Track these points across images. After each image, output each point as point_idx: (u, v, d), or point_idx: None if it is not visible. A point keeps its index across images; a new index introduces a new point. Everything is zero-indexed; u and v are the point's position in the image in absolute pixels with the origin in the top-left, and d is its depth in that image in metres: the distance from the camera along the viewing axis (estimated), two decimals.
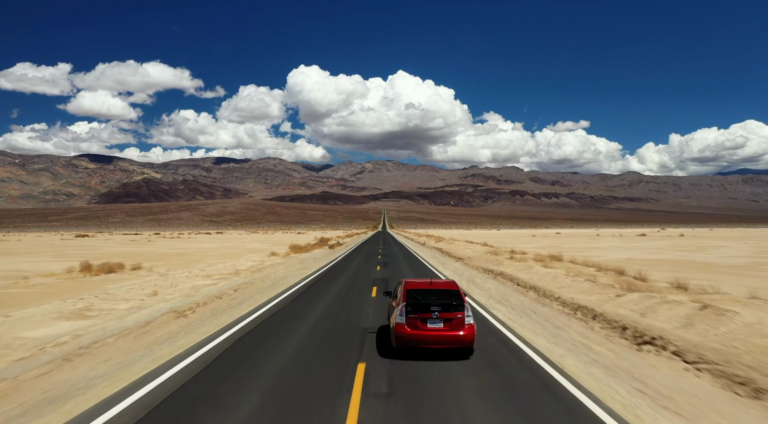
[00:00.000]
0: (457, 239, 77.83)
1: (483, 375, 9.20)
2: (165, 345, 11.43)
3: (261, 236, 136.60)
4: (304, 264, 35.53)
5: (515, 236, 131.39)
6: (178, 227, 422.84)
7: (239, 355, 10.55)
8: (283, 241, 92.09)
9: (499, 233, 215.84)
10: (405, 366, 9.53)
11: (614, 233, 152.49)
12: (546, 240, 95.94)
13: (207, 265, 34.64)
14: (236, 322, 14.23)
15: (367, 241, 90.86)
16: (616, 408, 7.63)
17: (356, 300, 18.39)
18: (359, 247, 64.94)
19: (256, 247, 68.34)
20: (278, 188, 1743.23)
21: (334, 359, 10.09)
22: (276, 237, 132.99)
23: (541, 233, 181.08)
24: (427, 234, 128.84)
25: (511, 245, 71.75)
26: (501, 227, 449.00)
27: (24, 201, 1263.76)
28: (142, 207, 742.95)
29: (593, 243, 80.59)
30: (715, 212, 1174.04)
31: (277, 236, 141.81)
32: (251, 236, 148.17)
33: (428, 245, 65.22)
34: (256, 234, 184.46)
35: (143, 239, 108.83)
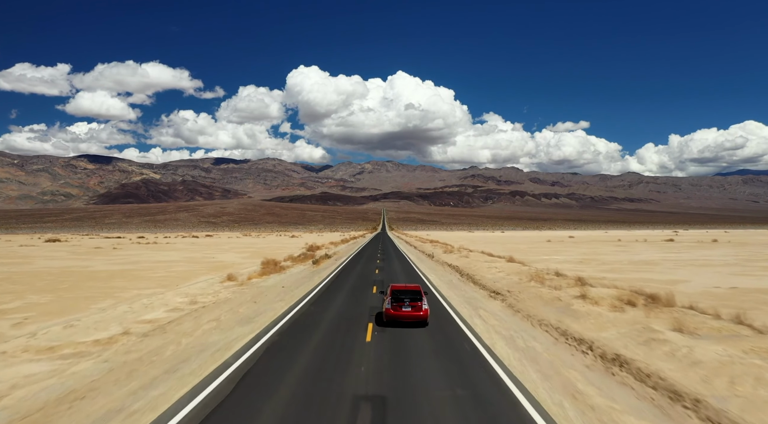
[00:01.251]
0: (470, 249, 65.52)
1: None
2: None
3: (247, 242, 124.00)
4: (256, 303, 23.23)
5: (529, 241, 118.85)
6: (174, 229, 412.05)
7: None
8: (266, 249, 79.82)
9: (505, 235, 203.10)
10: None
11: (637, 237, 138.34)
12: (570, 247, 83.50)
13: (103, 307, 22.43)
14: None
15: (364, 249, 78.24)
16: None
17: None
18: (352, 260, 52.65)
19: (226, 260, 56.04)
20: (277, 189, 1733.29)
21: None
22: (264, 242, 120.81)
23: (552, 236, 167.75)
24: (431, 239, 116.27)
25: (536, 255, 59.80)
26: (503, 228, 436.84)
27: (22, 202, 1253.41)
28: (140, 208, 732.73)
29: (637, 253, 68.30)
30: (716, 212, 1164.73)
31: (266, 241, 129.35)
32: (238, 240, 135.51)
33: (438, 259, 52.85)
34: (248, 237, 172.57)
35: (111, 245, 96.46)
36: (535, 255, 62.15)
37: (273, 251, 76.03)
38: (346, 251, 70.94)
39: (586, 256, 60.14)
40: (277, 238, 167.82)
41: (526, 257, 55.48)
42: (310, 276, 36.00)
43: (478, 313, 20.68)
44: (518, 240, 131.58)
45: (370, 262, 49.64)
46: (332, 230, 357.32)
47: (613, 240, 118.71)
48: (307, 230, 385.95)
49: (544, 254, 63.82)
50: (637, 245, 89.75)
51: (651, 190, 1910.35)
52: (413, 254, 65.80)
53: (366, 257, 55.86)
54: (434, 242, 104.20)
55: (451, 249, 67.06)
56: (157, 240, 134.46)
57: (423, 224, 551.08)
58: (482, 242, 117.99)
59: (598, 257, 58.30)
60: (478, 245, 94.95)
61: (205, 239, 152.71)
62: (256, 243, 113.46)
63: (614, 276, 35.24)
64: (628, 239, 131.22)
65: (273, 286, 29.54)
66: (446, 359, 13.54)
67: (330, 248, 78.26)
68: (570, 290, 23.15)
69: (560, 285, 25.01)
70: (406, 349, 14.47)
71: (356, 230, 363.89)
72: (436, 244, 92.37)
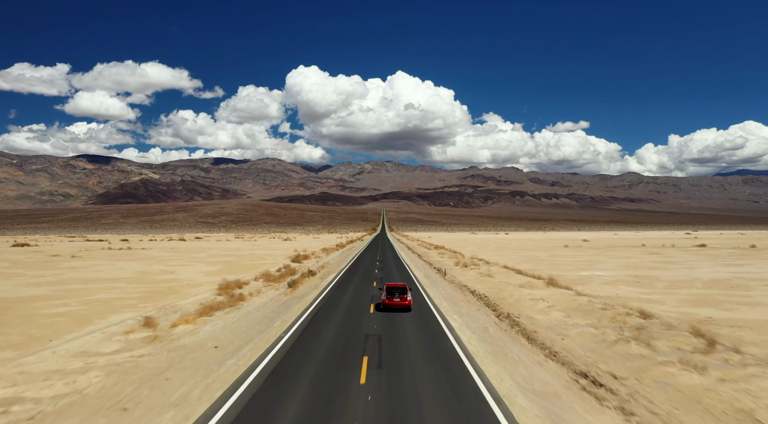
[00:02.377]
0: (487, 261, 54.10)
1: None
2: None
3: (232, 247, 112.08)
4: (126, 411, 11.80)
5: (543, 246, 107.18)
6: (170, 229, 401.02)
7: None
8: (246, 259, 68.36)
9: (511, 238, 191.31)
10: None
11: (662, 242, 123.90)
12: (599, 256, 71.67)
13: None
14: None
15: (359, 259, 66.36)
16: None
17: None
18: (342, 280, 40.90)
19: (185, 277, 44.37)
20: (277, 189, 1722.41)
21: None
22: (251, 247, 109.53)
23: (562, 239, 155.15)
24: (436, 244, 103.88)
25: (570, 269, 48.17)
26: (504, 228, 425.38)
27: (20, 202, 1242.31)
28: (138, 208, 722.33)
29: (693, 266, 56.77)
30: (717, 212, 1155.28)
31: (254, 246, 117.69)
32: (225, 245, 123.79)
33: (453, 278, 41.21)
34: (239, 240, 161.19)
35: (77, 251, 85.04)
36: (566, 268, 50.85)
37: (253, 261, 64.87)
38: (338, 263, 59.24)
39: (634, 271, 48.57)
40: (269, 241, 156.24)
41: (561, 273, 44.25)
42: (273, 315, 24.50)
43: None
44: (530, 244, 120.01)
45: (364, 282, 38.11)
46: (330, 232, 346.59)
47: (637, 245, 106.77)
48: (305, 230, 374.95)
49: (578, 267, 52.42)
50: (675, 253, 77.86)
51: (651, 190, 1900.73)
52: (419, 267, 53.70)
53: (360, 274, 44.08)
54: (439, 248, 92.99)
55: (463, 260, 55.66)
56: (138, 244, 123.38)
57: (423, 224, 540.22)
58: (493, 247, 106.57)
59: (651, 272, 46.69)
60: (489, 252, 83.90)
61: (191, 242, 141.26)
62: (240, 249, 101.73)
63: (723, 314, 23.93)
64: (653, 243, 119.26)
65: (200, 345, 18.12)
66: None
67: (320, 258, 66.93)
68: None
69: (705, 363, 13.60)
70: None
71: (355, 231, 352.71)
72: (443, 251, 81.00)
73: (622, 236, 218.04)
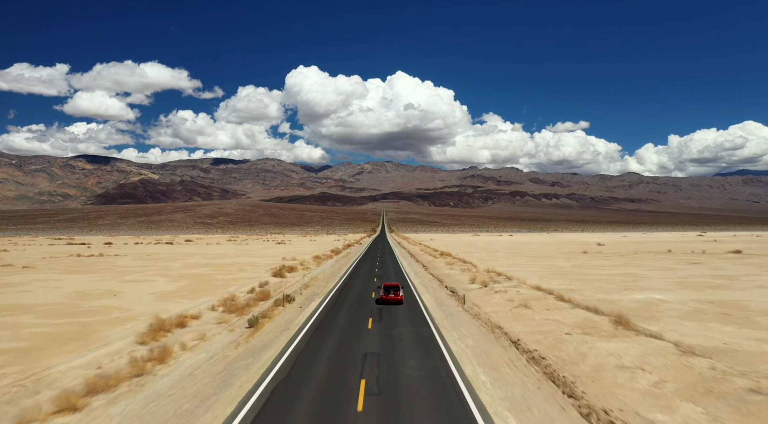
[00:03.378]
0: (510, 277, 43.39)
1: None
2: None
3: (218, 252, 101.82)
4: None
5: (558, 251, 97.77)
6: (167, 230, 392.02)
7: None
8: (222, 271, 58.36)
9: (516, 241, 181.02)
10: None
11: (691, 247, 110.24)
12: (637, 269, 60.66)
13: None
14: None
15: (355, 270, 57.34)
16: None
17: None
18: (331, 304, 32.96)
19: (129, 304, 34.08)
20: (276, 189, 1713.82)
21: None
22: (238, 252, 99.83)
23: (571, 241, 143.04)
24: (442, 251, 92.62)
25: (615, 291, 37.00)
26: (506, 229, 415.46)
27: (19, 202, 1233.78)
28: (137, 208, 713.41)
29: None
30: (718, 213, 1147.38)
31: (243, 251, 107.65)
32: (211, 250, 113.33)
33: (477, 310, 30.38)
34: (230, 243, 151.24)
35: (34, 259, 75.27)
36: (609, 288, 40.73)
37: (229, 274, 54.92)
38: (328, 279, 49.18)
39: (699, 293, 37.92)
40: (261, 244, 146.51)
41: (609, 297, 34.48)
42: (197, 403, 14.41)
43: None
44: (543, 249, 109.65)
45: (357, 317, 27.74)
46: (329, 233, 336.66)
47: (662, 251, 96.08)
48: (304, 231, 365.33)
49: (622, 286, 42.00)
50: (717, 262, 66.57)
51: (651, 190, 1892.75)
52: (426, 285, 43.59)
53: (353, 302, 34.22)
54: (446, 255, 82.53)
55: (479, 275, 45.59)
56: (116, 249, 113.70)
57: (423, 224, 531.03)
58: (504, 253, 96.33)
59: (724, 296, 35.78)
60: (502, 260, 73.78)
61: (176, 246, 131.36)
62: (225, 255, 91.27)
63: None
64: (677, 247, 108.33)
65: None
66: None
67: (308, 270, 56.77)
68: None
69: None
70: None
71: (354, 232, 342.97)
72: (451, 260, 70.57)
73: (633, 238, 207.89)
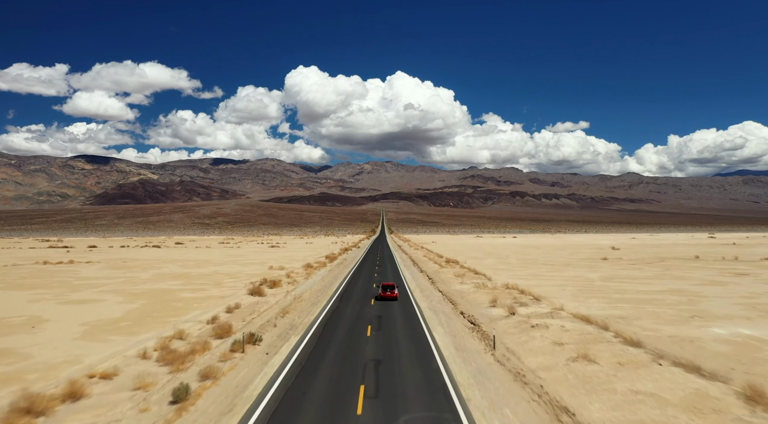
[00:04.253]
0: (539, 297, 38.44)
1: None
2: None
3: (202, 257, 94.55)
4: None
5: (580, 260, 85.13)
6: (165, 230, 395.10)
7: None
8: (197, 284, 51.12)
9: (522, 243, 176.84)
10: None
11: (721, 253, 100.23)
12: (690, 285, 46.91)
13: None
14: None
15: (350, 285, 51.63)
16: None
17: None
18: (310, 345, 24.96)
19: (39, 349, 22.89)
20: (276, 189, 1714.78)
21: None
22: (223, 259, 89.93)
23: (584, 243, 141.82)
24: (449, 258, 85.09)
25: (671, 317, 29.84)
26: (508, 231, 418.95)
27: (18, 202, 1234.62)
28: (135, 209, 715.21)
29: None
30: (719, 213, 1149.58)
31: (230, 256, 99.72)
32: (197, 254, 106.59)
33: (514, 362, 21.45)
34: (222, 247, 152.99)
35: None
36: (667, 315, 31.87)
37: (200, 289, 46.88)
38: (315, 298, 42.58)
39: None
40: (254, 248, 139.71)
41: (678, 332, 25.95)
42: None
43: None
44: (557, 255, 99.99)
45: (348, 368, 20.91)
46: (327, 234, 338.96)
47: (690, 257, 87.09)
48: (302, 232, 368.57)
49: (682, 311, 33.01)
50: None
51: (651, 190, 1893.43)
52: (435, 309, 37.07)
53: (342, 339, 26.47)
54: (452, 262, 74.86)
55: (499, 294, 40.07)
56: (94, 254, 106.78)
57: (423, 225, 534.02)
58: (516, 260, 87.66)
59: None
60: (517, 270, 66.65)
61: (162, 250, 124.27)
62: (208, 262, 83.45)
63: None
64: (704, 253, 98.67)
65: None
66: None
67: (295, 285, 50.92)
68: None
69: None
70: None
71: (353, 233, 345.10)
72: (460, 270, 62.78)
73: (644, 240, 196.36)
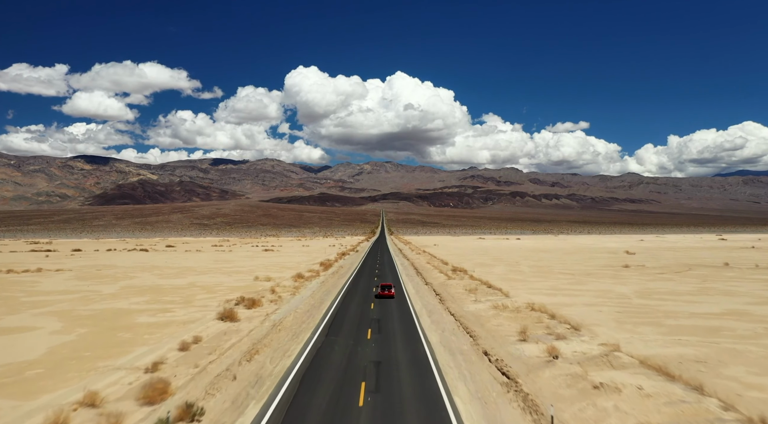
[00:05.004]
0: (577, 326, 29.83)
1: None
2: None
3: (186, 264, 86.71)
4: None
5: (599, 267, 77.33)
6: (162, 231, 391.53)
7: None
8: (166, 300, 44.62)
9: (529, 246, 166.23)
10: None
11: (740, 256, 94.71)
12: (742, 303, 40.68)
13: None
14: None
15: (344, 302, 44.21)
16: None
17: None
18: None
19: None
20: (276, 190, 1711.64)
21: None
22: (208, 267, 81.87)
23: (594, 246, 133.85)
24: (455, 267, 75.12)
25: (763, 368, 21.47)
26: (510, 231, 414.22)
27: (16, 203, 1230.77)
28: (134, 209, 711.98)
29: None
30: (719, 213, 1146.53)
31: (217, 263, 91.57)
32: (183, 260, 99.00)
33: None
34: (215, 249, 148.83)
35: None
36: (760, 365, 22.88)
37: (167, 310, 39.56)
38: (297, 327, 32.55)
39: None
40: (247, 252, 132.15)
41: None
42: None
43: None
44: (572, 261, 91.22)
45: None
46: (326, 235, 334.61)
47: (718, 265, 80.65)
48: (301, 233, 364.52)
49: None
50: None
51: (651, 190, 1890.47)
52: (455, 356, 25.05)
53: (328, 393, 19.49)
54: (460, 271, 66.17)
55: (532, 325, 30.37)
56: (75, 258, 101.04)
57: (424, 226, 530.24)
58: (528, 268, 78.81)
59: None
60: (533, 281, 59.46)
61: (149, 254, 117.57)
62: (189, 270, 75.94)
63: None
64: (733, 259, 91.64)
65: None
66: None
67: (277, 304, 42.54)
68: None
69: None
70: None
71: (353, 234, 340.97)
72: (471, 282, 54.85)
73: (652, 242, 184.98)
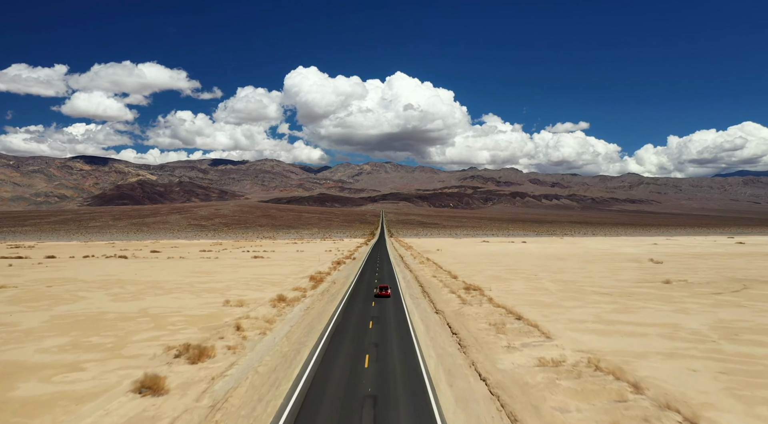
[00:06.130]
0: (672, 407, 17.43)
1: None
2: None
3: (158, 278, 69.42)
4: None
5: (637, 282, 62.25)
6: (160, 232, 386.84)
7: None
8: (102, 331, 42.14)
9: (539, 252, 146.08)
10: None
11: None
12: None
13: None
14: None
15: (336, 337, 31.12)
16: None
17: None
18: None
19: None
20: (275, 190, 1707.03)
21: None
22: (185, 280, 70.66)
23: (606, 251, 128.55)
24: (467, 284, 58.05)
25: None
26: (510, 231, 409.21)
27: (15, 203, 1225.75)
28: (132, 210, 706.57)
29: None
30: (720, 214, 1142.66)
31: (195, 275, 75.69)
32: (159, 270, 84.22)
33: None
34: (200, 257, 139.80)
35: None
36: None
37: (67, 374, 33.37)
38: (251, 410, 18.34)
39: None
40: (234, 259, 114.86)
41: None
42: None
43: None
44: (598, 274, 75.60)
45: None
46: (324, 237, 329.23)
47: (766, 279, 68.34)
48: (299, 235, 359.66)
49: None
50: None
51: (651, 191, 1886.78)
52: None
53: None
54: (474, 290, 51.88)
55: (596, 393, 19.57)
56: (41, 268, 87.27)
57: (424, 227, 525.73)
58: (552, 283, 63.09)
59: None
60: (562, 302, 46.47)
61: (127, 262, 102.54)
62: (161, 285, 62.67)
63: None
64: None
65: None
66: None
67: (235, 354, 25.64)
68: None
69: None
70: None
71: (351, 237, 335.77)
72: (493, 308, 41.56)
73: (666, 246, 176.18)
